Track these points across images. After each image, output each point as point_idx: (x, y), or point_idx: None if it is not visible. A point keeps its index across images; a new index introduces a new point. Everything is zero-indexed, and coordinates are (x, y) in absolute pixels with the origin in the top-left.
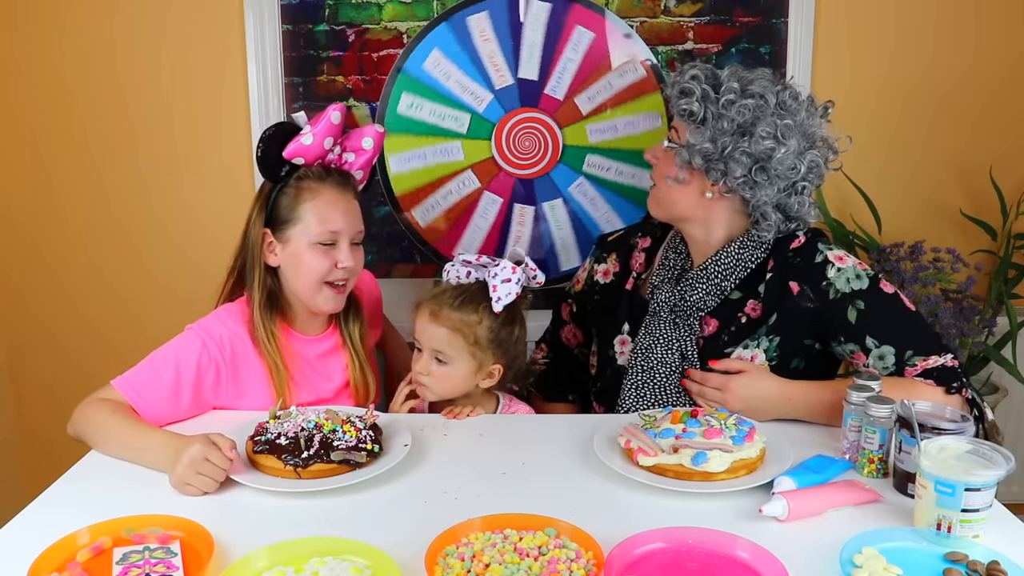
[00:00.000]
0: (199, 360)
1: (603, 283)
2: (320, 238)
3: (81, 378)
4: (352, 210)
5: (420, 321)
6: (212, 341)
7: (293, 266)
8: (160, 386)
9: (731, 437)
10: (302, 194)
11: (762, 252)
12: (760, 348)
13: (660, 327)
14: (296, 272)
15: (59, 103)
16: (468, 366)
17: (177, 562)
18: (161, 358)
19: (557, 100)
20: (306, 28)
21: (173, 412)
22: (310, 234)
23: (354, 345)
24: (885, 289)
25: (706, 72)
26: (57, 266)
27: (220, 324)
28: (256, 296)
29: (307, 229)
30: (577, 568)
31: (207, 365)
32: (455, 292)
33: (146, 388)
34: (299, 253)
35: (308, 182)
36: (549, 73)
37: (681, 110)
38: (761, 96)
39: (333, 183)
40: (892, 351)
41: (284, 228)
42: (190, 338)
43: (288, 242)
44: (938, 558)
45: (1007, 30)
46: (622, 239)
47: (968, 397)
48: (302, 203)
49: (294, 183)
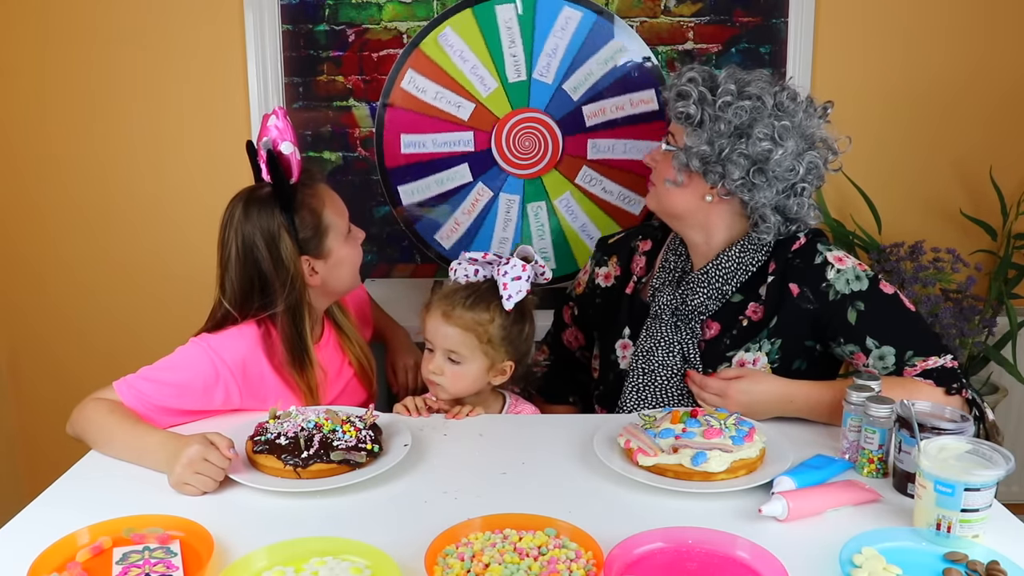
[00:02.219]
0: (205, 379)
1: (604, 286)
2: (345, 229)
3: (81, 378)
4: None
5: (432, 322)
6: (223, 363)
7: (336, 269)
8: (161, 398)
9: (731, 437)
10: (315, 202)
11: (763, 255)
12: (762, 351)
13: (661, 330)
14: (341, 272)
15: (56, 106)
16: (481, 364)
17: (177, 562)
18: (167, 372)
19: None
20: (306, 28)
21: (170, 425)
22: (340, 232)
23: (348, 333)
24: (885, 290)
25: (703, 74)
26: (57, 266)
27: (233, 344)
28: (307, 335)
29: (336, 230)
30: (577, 568)
31: (213, 383)
32: (466, 291)
33: (147, 398)
34: (341, 255)
35: (310, 190)
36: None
37: (678, 113)
38: (758, 97)
39: (319, 178)
40: (892, 351)
41: (319, 244)
42: (198, 356)
43: (330, 253)
44: (938, 558)
45: (1007, 30)
46: (623, 242)
47: (968, 398)
48: (322, 211)
49: (302, 200)
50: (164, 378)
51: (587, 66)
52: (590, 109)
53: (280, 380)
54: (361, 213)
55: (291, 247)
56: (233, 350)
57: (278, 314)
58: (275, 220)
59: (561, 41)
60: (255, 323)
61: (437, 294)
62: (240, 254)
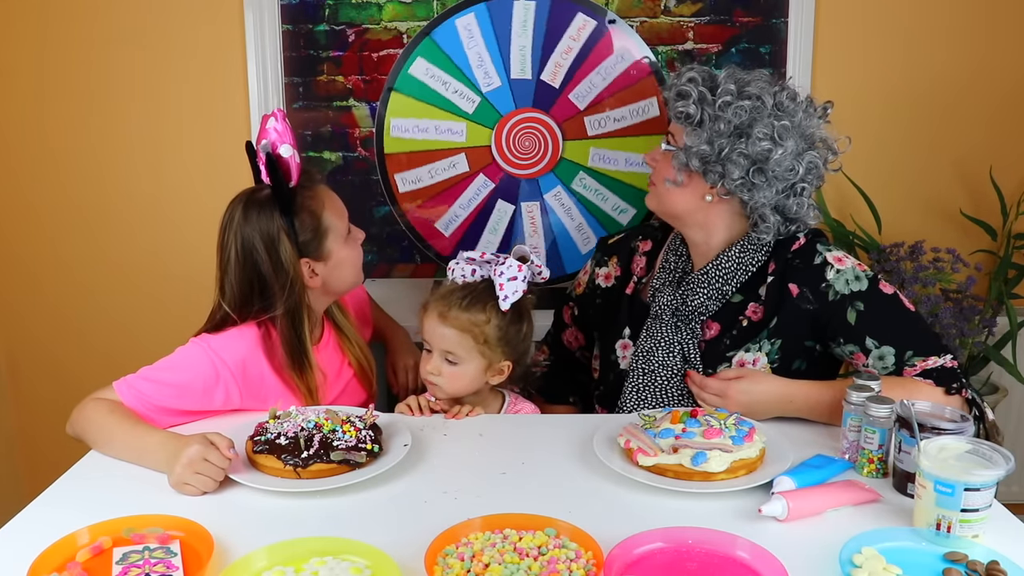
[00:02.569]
0: (205, 380)
1: (605, 287)
2: (345, 230)
3: (80, 378)
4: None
5: (429, 322)
6: (223, 364)
7: (336, 270)
8: (161, 398)
9: (731, 437)
10: (314, 204)
11: (763, 255)
12: (762, 352)
13: (662, 330)
14: (341, 273)
15: (55, 106)
16: (478, 365)
17: (177, 562)
18: (167, 372)
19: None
20: (306, 28)
21: (170, 425)
22: (339, 234)
23: (348, 333)
24: (884, 290)
25: (703, 74)
26: (56, 266)
27: (233, 345)
28: (307, 338)
29: (336, 232)
30: (577, 568)
31: (214, 383)
32: (462, 292)
33: (146, 398)
34: (342, 256)
35: (310, 192)
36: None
37: (678, 112)
38: (758, 97)
39: (319, 180)
40: (892, 351)
41: (319, 246)
42: (198, 356)
43: (329, 255)
44: (938, 558)
45: (1008, 30)
46: (623, 242)
47: (968, 397)
48: (321, 213)
49: (301, 202)
50: (164, 378)
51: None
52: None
53: (280, 381)
54: (361, 213)
55: (290, 250)
56: (233, 351)
57: (277, 317)
58: (274, 223)
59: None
60: (255, 324)
61: (434, 295)
62: (239, 257)
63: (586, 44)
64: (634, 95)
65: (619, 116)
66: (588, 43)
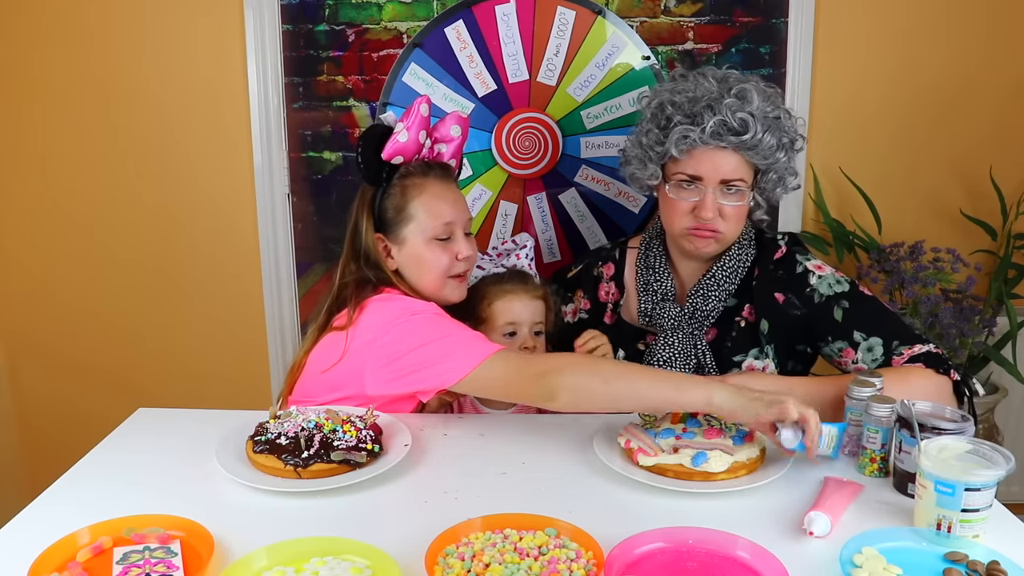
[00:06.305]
0: (451, 320)
1: (572, 323)
2: (435, 232)
3: (80, 379)
4: (459, 200)
5: (511, 304)
6: (428, 304)
7: (415, 265)
8: (467, 336)
9: (731, 437)
10: (409, 192)
11: (750, 251)
12: (770, 359)
13: (674, 343)
14: (419, 271)
15: (57, 107)
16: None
17: (177, 562)
18: (443, 339)
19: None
20: (306, 28)
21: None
22: (425, 231)
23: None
24: (865, 291)
25: (732, 100)
26: (57, 266)
27: (411, 299)
28: (405, 288)
29: (421, 226)
30: (577, 568)
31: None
32: (512, 274)
33: (472, 345)
34: (418, 252)
35: (412, 179)
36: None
37: (746, 144)
38: (775, 106)
39: (436, 176)
40: (880, 342)
41: (397, 229)
42: (416, 306)
43: (404, 242)
44: (938, 558)
45: (1007, 31)
46: (583, 273)
47: (957, 378)
48: (411, 201)
49: (398, 183)
50: (441, 332)
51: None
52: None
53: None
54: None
55: (367, 220)
56: (418, 301)
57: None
58: (367, 193)
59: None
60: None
61: (494, 287)
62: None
63: (574, 37)
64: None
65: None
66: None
